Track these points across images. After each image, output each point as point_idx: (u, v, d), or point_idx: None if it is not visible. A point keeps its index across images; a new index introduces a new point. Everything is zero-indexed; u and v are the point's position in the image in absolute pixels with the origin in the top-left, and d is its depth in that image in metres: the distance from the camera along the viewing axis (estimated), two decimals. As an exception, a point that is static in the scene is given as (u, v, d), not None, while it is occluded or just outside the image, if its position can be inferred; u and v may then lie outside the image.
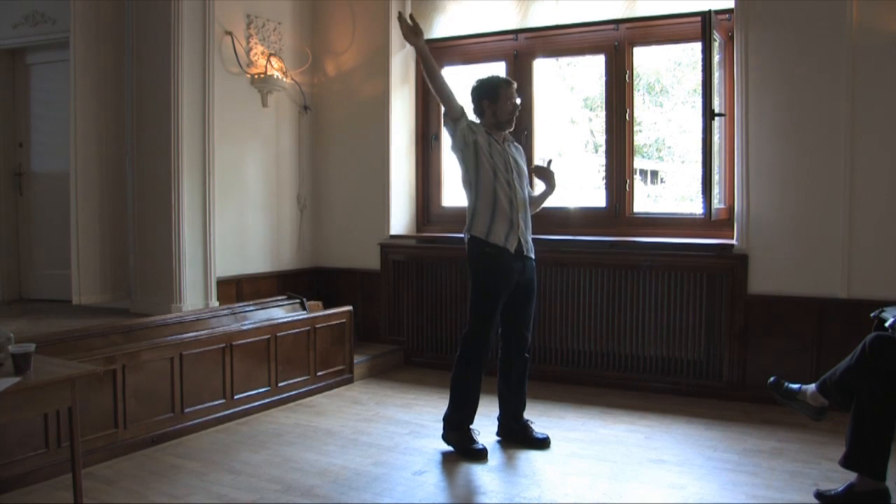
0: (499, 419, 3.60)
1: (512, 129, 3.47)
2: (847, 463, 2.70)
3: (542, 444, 3.48)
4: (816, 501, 2.77)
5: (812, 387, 2.89)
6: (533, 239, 4.65)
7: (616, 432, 3.67)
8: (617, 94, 4.64)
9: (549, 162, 3.58)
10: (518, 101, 3.43)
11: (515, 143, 3.55)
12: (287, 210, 5.32)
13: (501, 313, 3.43)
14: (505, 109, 3.37)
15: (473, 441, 3.40)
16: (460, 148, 3.35)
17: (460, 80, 5.26)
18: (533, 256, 3.46)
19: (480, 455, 3.33)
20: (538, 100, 5.00)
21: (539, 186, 3.66)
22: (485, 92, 3.41)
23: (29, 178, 5.09)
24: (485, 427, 3.58)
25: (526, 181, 3.49)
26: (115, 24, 4.50)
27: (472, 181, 3.35)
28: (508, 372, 3.54)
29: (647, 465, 3.23)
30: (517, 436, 3.53)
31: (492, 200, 3.30)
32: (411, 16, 3.29)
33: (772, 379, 3.03)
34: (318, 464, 3.28)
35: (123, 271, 4.59)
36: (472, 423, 3.44)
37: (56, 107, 4.77)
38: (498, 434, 3.57)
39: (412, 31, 3.26)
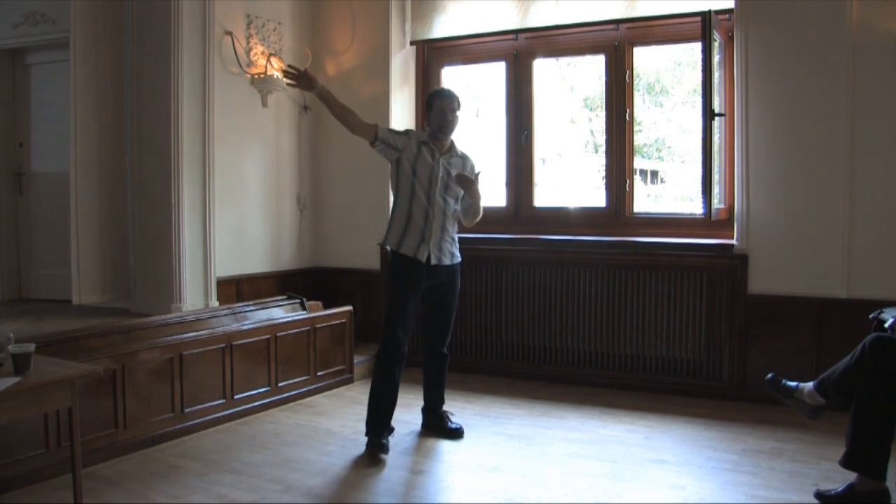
0: (422, 411, 3.80)
1: (446, 139, 3.51)
2: (847, 463, 2.70)
3: (455, 434, 3.64)
4: (816, 501, 2.77)
5: (809, 385, 2.89)
6: (533, 239, 4.72)
7: (616, 432, 3.67)
8: (617, 94, 4.64)
9: (477, 175, 3.57)
10: (455, 113, 3.50)
11: (461, 154, 3.60)
12: (287, 210, 5.32)
13: (424, 315, 3.65)
14: (434, 120, 3.50)
15: (378, 444, 3.38)
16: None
17: (460, 81, 5.28)
18: (450, 263, 3.55)
19: (375, 454, 3.34)
20: (538, 100, 5.00)
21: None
22: (426, 104, 3.61)
23: (29, 178, 5.09)
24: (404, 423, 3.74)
25: (456, 193, 3.52)
26: (115, 24, 4.50)
27: (393, 193, 3.55)
28: (428, 369, 3.72)
29: (647, 465, 3.23)
30: (434, 427, 3.72)
31: (406, 214, 3.45)
32: (291, 66, 3.33)
33: (769, 375, 3.03)
34: (318, 464, 3.29)
35: (123, 271, 4.59)
36: (383, 423, 3.48)
37: (56, 107, 4.77)
38: (423, 426, 3.77)
39: (307, 82, 3.29)
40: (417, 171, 3.44)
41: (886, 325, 2.70)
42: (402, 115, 5.24)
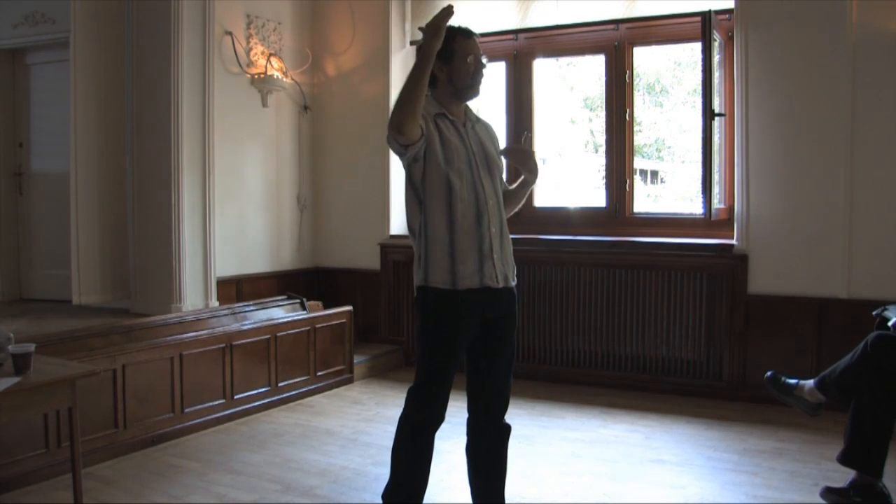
0: None
1: (476, 95, 2.49)
2: (845, 460, 2.70)
3: None
4: (816, 501, 2.76)
5: (810, 382, 2.89)
6: (533, 239, 4.71)
7: (616, 432, 3.67)
8: (617, 94, 4.64)
9: (525, 137, 2.59)
10: (484, 58, 2.50)
11: (477, 117, 2.54)
12: (287, 210, 5.32)
13: (469, 363, 2.44)
14: (463, 70, 2.41)
15: None
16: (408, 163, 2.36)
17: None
18: (513, 284, 2.43)
19: None
20: (538, 100, 5.00)
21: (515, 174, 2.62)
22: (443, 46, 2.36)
23: (29, 178, 5.09)
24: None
25: (499, 171, 2.49)
26: (115, 24, 4.50)
27: (417, 206, 2.36)
28: (477, 446, 2.45)
29: (647, 465, 3.23)
30: None
31: (447, 225, 2.30)
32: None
33: (769, 373, 3.03)
34: (318, 464, 3.28)
35: (123, 271, 4.59)
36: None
37: (56, 107, 4.76)
38: None
39: (439, 35, 2.31)
40: (448, 155, 2.32)
41: (890, 323, 2.70)
42: (402, 115, 5.23)
